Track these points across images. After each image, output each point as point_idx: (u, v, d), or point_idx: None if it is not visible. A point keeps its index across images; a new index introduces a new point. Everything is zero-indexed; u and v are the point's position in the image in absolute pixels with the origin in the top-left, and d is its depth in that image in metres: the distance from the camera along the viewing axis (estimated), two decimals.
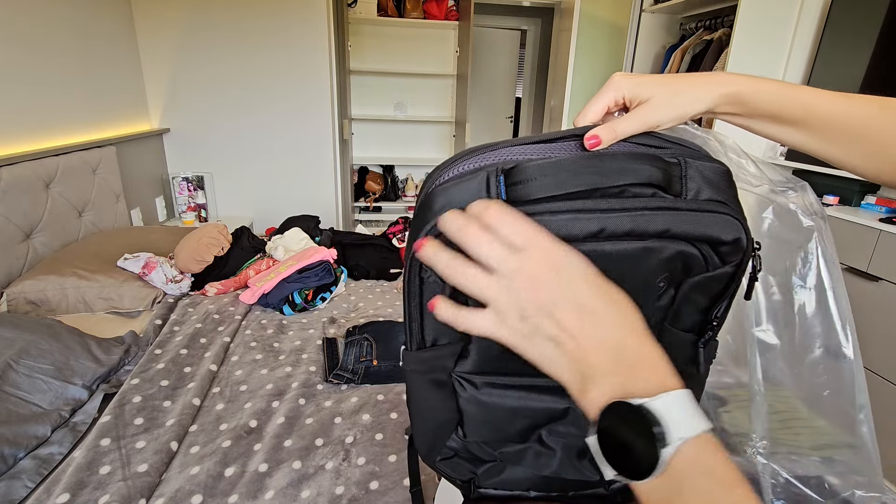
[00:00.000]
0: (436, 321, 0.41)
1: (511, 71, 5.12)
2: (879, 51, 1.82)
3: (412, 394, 0.50)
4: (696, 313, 0.46)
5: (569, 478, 0.54)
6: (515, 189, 0.38)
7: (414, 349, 0.46)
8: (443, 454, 0.51)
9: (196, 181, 2.89)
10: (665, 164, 0.40)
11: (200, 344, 1.40)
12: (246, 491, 0.90)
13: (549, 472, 0.53)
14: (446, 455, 0.51)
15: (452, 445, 0.51)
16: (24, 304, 1.55)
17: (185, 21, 2.70)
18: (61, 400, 1.10)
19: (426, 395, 0.49)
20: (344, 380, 1.24)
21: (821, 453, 1.04)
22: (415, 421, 0.51)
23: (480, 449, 0.51)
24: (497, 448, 0.51)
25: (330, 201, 3.18)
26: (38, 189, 1.81)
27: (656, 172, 0.39)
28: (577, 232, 0.38)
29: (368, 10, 3.78)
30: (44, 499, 0.87)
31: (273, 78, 2.88)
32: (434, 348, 0.46)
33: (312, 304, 1.68)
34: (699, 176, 0.40)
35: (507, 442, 0.50)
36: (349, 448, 1.02)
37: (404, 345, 0.47)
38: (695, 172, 0.40)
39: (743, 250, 0.42)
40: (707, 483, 0.26)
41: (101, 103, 2.34)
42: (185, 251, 1.76)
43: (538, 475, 0.53)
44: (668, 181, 0.40)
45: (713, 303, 0.45)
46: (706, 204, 0.40)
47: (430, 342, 0.46)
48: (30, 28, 1.88)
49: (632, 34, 2.97)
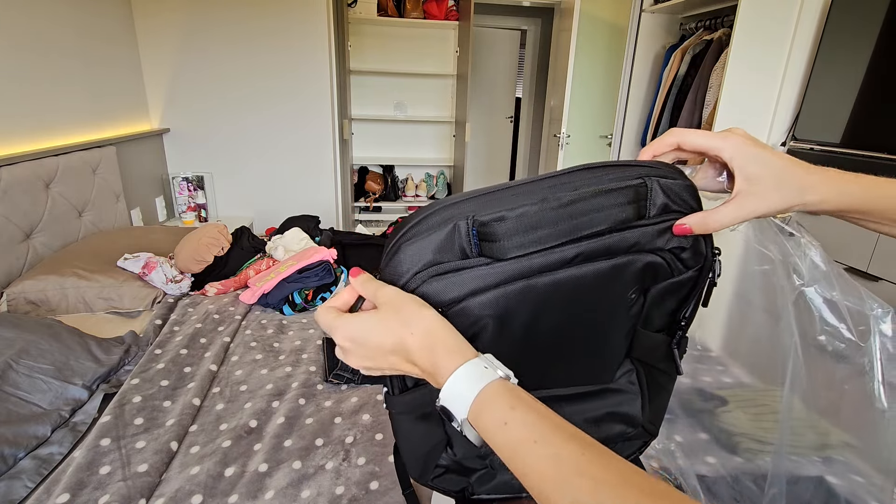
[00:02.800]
0: None
1: (511, 71, 5.12)
2: (879, 51, 1.82)
3: (400, 430, 0.50)
4: (665, 316, 0.49)
5: None
6: (489, 246, 0.40)
7: (397, 394, 0.46)
8: (434, 472, 0.52)
9: (196, 181, 2.89)
10: (634, 196, 0.41)
11: (200, 344, 1.40)
12: (246, 491, 0.90)
13: None
14: (438, 473, 0.52)
15: (443, 463, 0.52)
16: (24, 304, 1.55)
17: (185, 21, 2.70)
18: (61, 400, 1.10)
19: (414, 429, 0.49)
20: (344, 380, 1.24)
21: (821, 453, 1.04)
22: (404, 450, 0.52)
23: (471, 461, 0.52)
24: (487, 457, 0.52)
25: (330, 201, 3.18)
26: (38, 189, 1.81)
27: (629, 211, 0.41)
28: (556, 260, 0.41)
29: (368, 10, 3.78)
30: (44, 499, 0.87)
31: (273, 78, 2.88)
32: (416, 388, 0.46)
33: (312, 304, 1.68)
34: (662, 192, 0.42)
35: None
36: (349, 448, 1.02)
37: (386, 389, 0.47)
38: (658, 190, 0.42)
39: (703, 255, 0.44)
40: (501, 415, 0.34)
41: (101, 103, 2.34)
42: (185, 251, 1.76)
43: None
44: (639, 213, 0.42)
45: (680, 305, 0.48)
46: (669, 216, 0.42)
47: (411, 384, 0.46)
48: (30, 28, 1.88)
49: (632, 34, 2.97)
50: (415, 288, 0.40)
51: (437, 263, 0.40)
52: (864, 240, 1.71)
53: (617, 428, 0.54)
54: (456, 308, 0.41)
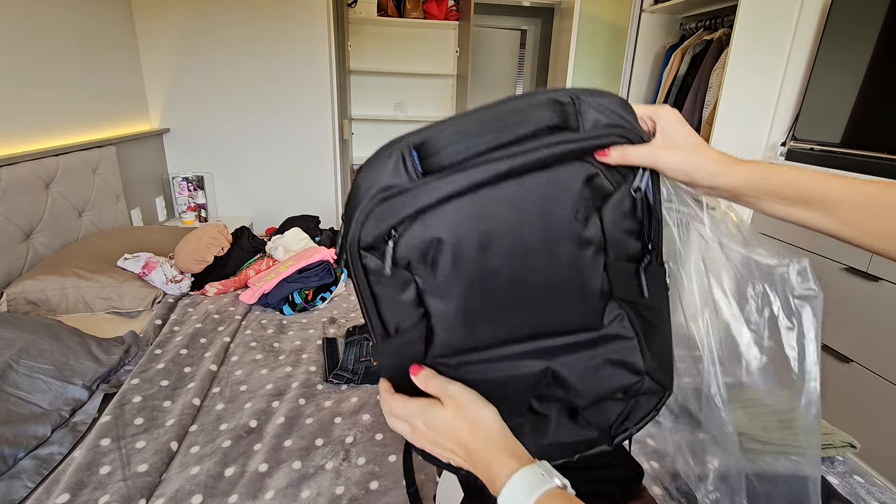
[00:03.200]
0: (393, 306, 0.45)
1: (511, 71, 5.11)
2: (879, 51, 1.82)
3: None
4: (632, 240, 0.49)
5: (567, 440, 0.54)
6: (429, 162, 0.42)
7: (380, 340, 0.47)
8: None
9: (196, 181, 2.89)
10: (560, 106, 0.44)
11: (200, 344, 1.40)
12: (246, 491, 0.90)
13: (549, 440, 0.53)
14: None
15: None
16: (24, 304, 1.55)
17: (186, 21, 2.70)
18: (61, 400, 1.10)
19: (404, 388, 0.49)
20: (344, 380, 1.24)
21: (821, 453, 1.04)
22: None
23: None
24: None
25: (330, 201, 3.18)
26: (38, 189, 1.81)
27: (552, 115, 0.43)
28: (492, 174, 0.42)
29: (368, 10, 3.78)
30: (44, 499, 0.87)
31: (273, 78, 2.88)
32: (400, 334, 0.46)
33: (312, 304, 1.68)
34: (593, 109, 0.44)
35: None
36: (349, 448, 1.02)
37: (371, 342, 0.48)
38: (588, 107, 0.44)
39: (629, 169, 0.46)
40: None
41: (101, 103, 2.34)
42: (185, 251, 1.76)
43: (540, 447, 0.53)
44: (565, 120, 0.44)
45: (640, 226, 0.48)
46: (603, 129, 0.44)
47: (392, 330, 0.47)
48: (30, 28, 1.88)
49: (632, 34, 2.97)
50: (370, 211, 0.42)
51: (388, 188, 0.42)
52: None
53: (622, 377, 0.52)
54: (408, 228, 0.42)
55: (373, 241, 0.43)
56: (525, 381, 0.50)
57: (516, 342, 0.49)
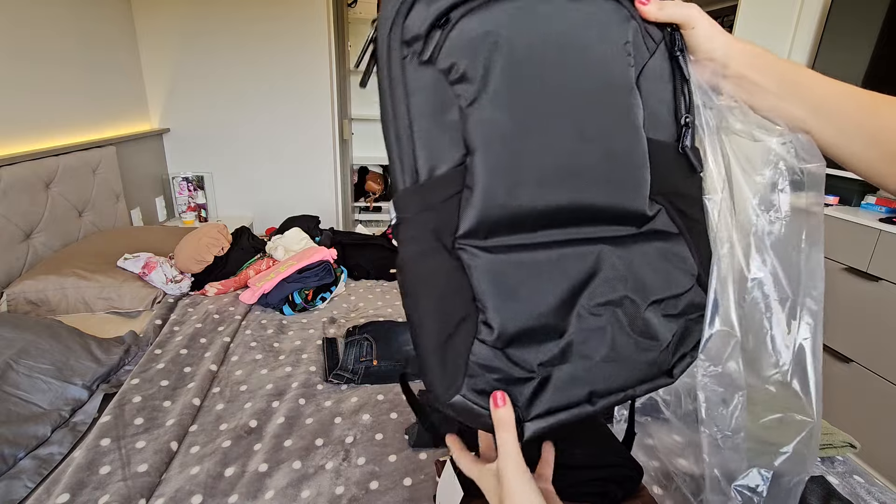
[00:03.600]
0: (430, 131, 0.37)
1: None
2: (879, 51, 1.82)
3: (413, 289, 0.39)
4: (667, 114, 0.47)
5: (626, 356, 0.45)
6: None
7: (409, 183, 0.38)
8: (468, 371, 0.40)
9: (196, 181, 2.89)
10: None
11: (200, 344, 1.40)
12: (246, 491, 0.90)
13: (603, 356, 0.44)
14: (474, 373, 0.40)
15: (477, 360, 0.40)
16: (24, 304, 1.55)
17: (185, 21, 2.70)
18: (61, 400, 1.10)
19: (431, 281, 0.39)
20: (344, 380, 1.24)
21: (821, 453, 1.04)
22: (420, 334, 0.40)
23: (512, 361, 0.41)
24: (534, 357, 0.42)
25: (330, 201, 3.18)
26: (38, 189, 1.81)
27: None
28: None
29: (368, 9, 3.78)
30: (44, 499, 0.87)
31: (273, 78, 2.88)
32: (433, 180, 0.38)
33: (312, 304, 1.68)
34: None
35: (545, 337, 0.42)
36: (349, 448, 1.02)
37: (396, 189, 0.39)
38: None
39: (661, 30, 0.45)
40: None
41: (101, 103, 2.34)
42: (185, 251, 1.76)
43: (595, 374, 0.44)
44: None
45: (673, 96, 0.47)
46: None
47: (424, 173, 0.38)
48: (30, 28, 1.88)
49: None
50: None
51: None
52: (865, 240, 1.71)
53: (678, 278, 0.47)
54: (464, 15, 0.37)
55: (418, 31, 0.36)
56: (573, 275, 0.43)
57: (559, 226, 0.43)
